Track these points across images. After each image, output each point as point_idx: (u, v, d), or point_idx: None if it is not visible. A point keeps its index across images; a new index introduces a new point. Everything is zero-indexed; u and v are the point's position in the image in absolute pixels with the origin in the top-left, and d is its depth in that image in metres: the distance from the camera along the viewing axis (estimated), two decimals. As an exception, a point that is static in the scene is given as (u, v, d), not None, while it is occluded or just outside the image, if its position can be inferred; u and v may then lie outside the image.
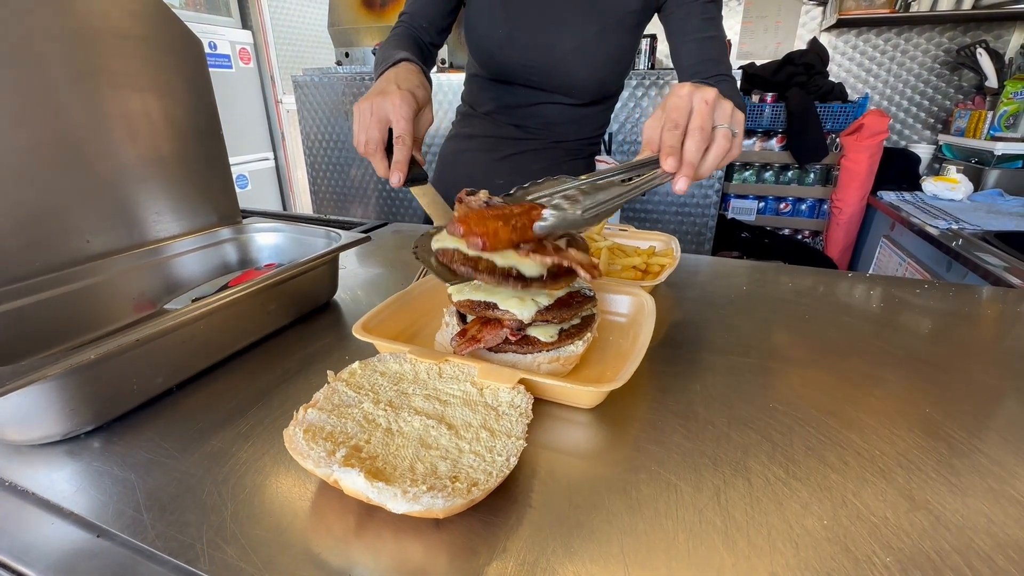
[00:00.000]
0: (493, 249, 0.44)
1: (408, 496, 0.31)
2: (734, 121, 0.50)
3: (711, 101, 0.48)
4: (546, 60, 0.92)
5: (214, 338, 0.53)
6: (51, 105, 0.55)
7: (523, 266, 0.45)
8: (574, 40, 0.90)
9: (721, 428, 0.44)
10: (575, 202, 0.47)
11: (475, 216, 0.45)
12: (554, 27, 0.90)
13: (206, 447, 0.42)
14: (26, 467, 0.40)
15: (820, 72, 2.41)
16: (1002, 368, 0.55)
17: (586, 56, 0.91)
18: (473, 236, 0.44)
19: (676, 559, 0.32)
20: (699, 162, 0.49)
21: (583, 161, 1.09)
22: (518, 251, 0.45)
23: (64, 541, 0.34)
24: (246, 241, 0.77)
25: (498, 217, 0.45)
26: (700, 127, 0.48)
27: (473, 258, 0.46)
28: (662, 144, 0.49)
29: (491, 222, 0.45)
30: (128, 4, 0.62)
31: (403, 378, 0.45)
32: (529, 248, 0.45)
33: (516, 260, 0.45)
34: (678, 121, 0.49)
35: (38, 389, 0.39)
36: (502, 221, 0.45)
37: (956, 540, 0.33)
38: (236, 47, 2.94)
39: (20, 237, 0.54)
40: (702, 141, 0.48)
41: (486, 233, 0.44)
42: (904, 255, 1.85)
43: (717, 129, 0.49)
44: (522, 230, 0.45)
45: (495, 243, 0.44)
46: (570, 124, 1.02)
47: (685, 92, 0.50)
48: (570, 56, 0.91)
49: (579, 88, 0.96)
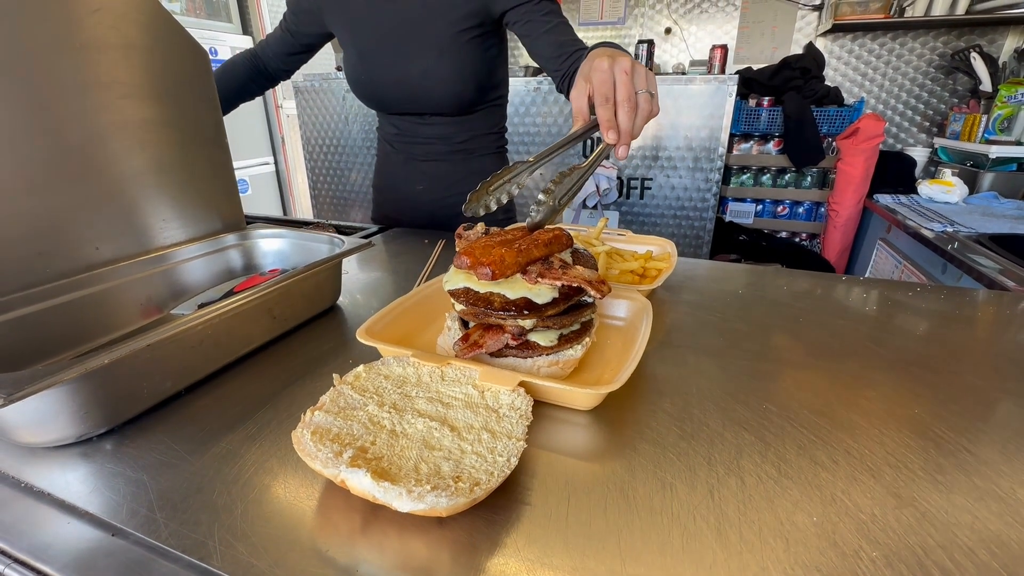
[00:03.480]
0: (502, 275, 0.46)
1: (413, 495, 0.32)
2: (650, 84, 0.57)
3: (629, 71, 0.55)
4: (405, 89, 1.03)
5: (221, 342, 0.54)
6: (60, 116, 0.57)
7: (533, 294, 0.47)
8: (420, 66, 1.00)
9: (716, 429, 0.46)
10: (550, 193, 0.52)
11: (479, 246, 0.48)
12: (399, 59, 1.00)
13: (216, 449, 0.43)
14: (42, 469, 0.41)
15: (816, 76, 2.43)
16: (992, 370, 0.56)
17: (435, 77, 1.00)
18: (481, 267, 0.46)
19: (671, 554, 0.33)
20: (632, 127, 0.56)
21: (490, 157, 1.17)
22: (526, 276, 0.47)
23: (80, 540, 0.35)
24: (250, 247, 0.78)
25: (501, 244, 0.48)
26: (627, 98, 0.55)
27: (484, 296, 0.48)
28: (600, 120, 0.56)
29: (495, 249, 0.47)
30: (135, 16, 0.63)
31: (406, 381, 0.46)
32: (536, 271, 0.47)
33: (526, 289, 0.47)
34: (607, 95, 0.55)
35: (53, 393, 0.40)
36: (505, 246, 0.47)
37: (941, 535, 0.35)
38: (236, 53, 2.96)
39: (32, 246, 0.55)
40: (632, 110, 0.55)
41: (492, 261, 0.46)
42: (900, 258, 1.87)
43: (639, 94, 0.56)
44: (527, 251, 0.47)
45: (502, 269, 0.46)
46: (461, 132, 1.10)
47: (606, 66, 0.56)
48: (421, 82, 1.01)
49: (442, 106, 1.05)
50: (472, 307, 0.49)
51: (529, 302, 0.47)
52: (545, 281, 0.47)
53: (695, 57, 2.75)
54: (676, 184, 2.33)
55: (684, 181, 2.28)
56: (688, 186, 2.28)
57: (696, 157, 2.26)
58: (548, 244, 0.50)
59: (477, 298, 0.49)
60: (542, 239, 0.50)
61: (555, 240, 0.51)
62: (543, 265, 0.48)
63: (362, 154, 2.78)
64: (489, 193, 0.55)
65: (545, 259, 0.50)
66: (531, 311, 0.47)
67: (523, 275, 0.48)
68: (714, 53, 2.46)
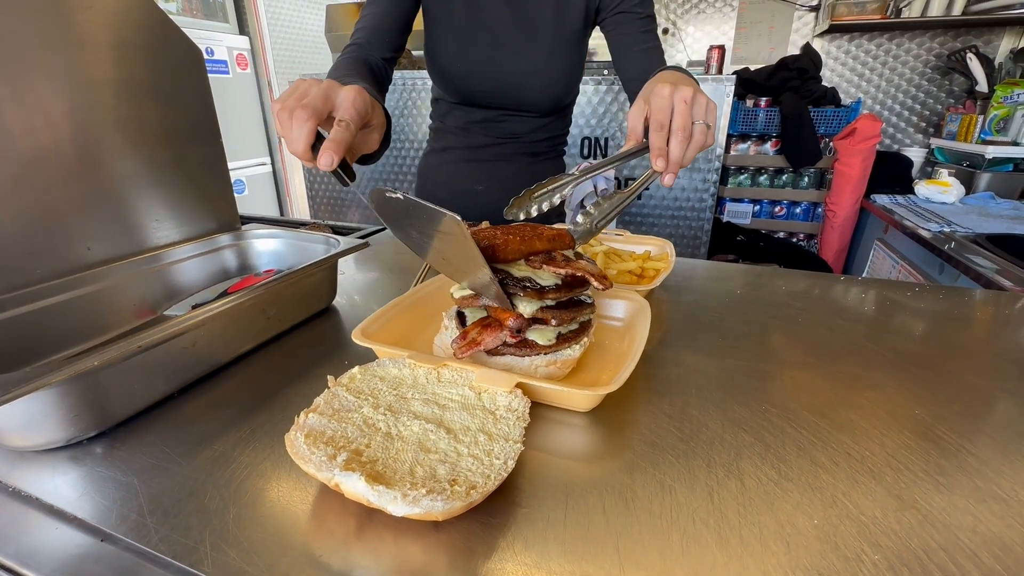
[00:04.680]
0: (504, 257, 0.47)
1: (408, 499, 0.32)
2: (708, 115, 0.56)
3: (689, 100, 0.54)
4: (504, 86, 1.01)
5: (215, 344, 0.54)
6: (52, 114, 0.56)
7: (536, 275, 0.48)
8: (528, 66, 0.98)
9: (715, 430, 0.45)
10: (589, 216, 0.55)
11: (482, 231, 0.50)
12: (507, 57, 0.98)
13: (208, 452, 0.42)
14: (30, 473, 0.40)
15: (813, 77, 2.44)
16: (991, 370, 0.56)
17: (540, 78, 1.00)
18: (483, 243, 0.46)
19: (670, 558, 0.33)
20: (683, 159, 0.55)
21: (552, 162, 1.16)
22: (530, 263, 0.48)
23: (69, 545, 0.34)
24: (245, 247, 0.77)
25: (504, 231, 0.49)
26: (682, 127, 0.54)
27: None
28: (651, 146, 0.55)
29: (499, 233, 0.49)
30: (129, 15, 0.62)
31: (402, 383, 0.45)
32: (541, 260, 0.48)
33: (530, 271, 0.48)
34: (663, 122, 0.55)
35: (42, 395, 0.39)
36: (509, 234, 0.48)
37: (943, 538, 0.34)
38: (233, 53, 2.95)
39: (22, 245, 0.54)
40: (685, 140, 0.54)
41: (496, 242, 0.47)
42: (897, 258, 1.87)
43: (695, 125, 0.55)
44: (530, 241, 0.48)
45: (506, 252, 0.47)
46: (534, 132, 1.10)
47: (667, 93, 0.55)
48: (525, 80, 1.00)
49: (537, 105, 1.05)
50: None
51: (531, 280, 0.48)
52: (549, 268, 0.48)
53: (693, 57, 2.75)
54: (674, 184, 2.33)
55: (682, 182, 2.28)
56: (686, 186, 2.28)
57: (694, 158, 2.26)
58: (552, 240, 0.51)
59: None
60: (546, 234, 0.50)
61: (558, 237, 0.51)
62: (546, 257, 0.49)
63: (359, 154, 2.77)
64: (532, 200, 0.57)
65: (548, 253, 0.50)
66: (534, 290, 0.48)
67: (526, 262, 0.48)
68: (711, 53, 2.46)
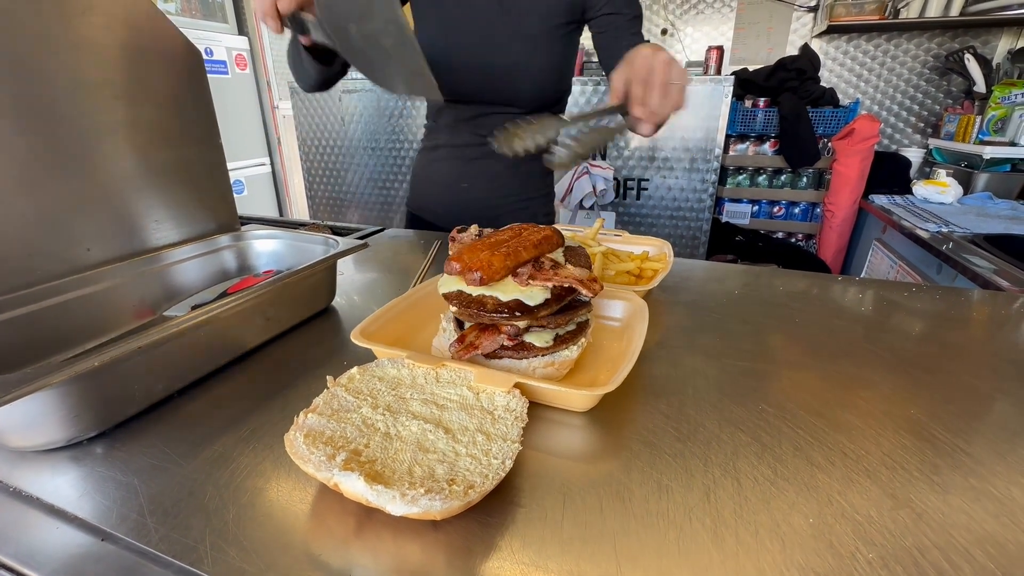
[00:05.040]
0: (490, 279, 0.46)
1: (407, 498, 0.32)
2: (683, 79, 0.62)
3: (668, 62, 0.61)
4: (488, 80, 1.01)
5: (214, 344, 0.54)
6: (51, 115, 0.56)
7: (525, 296, 0.47)
8: (510, 59, 0.98)
9: (712, 430, 0.45)
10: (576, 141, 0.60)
11: (468, 250, 0.48)
12: (490, 50, 0.98)
13: (207, 452, 0.43)
14: (30, 473, 0.41)
15: (812, 77, 2.44)
16: (987, 370, 0.56)
17: (524, 72, 1.00)
18: (470, 272, 0.46)
19: (667, 557, 0.33)
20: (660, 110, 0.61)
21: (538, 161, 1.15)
22: (517, 279, 0.47)
23: (69, 545, 0.34)
24: (244, 248, 0.78)
25: (490, 247, 0.48)
26: (662, 83, 0.61)
27: (477, 299, 0.48)
28: (632, 95, 0.62)
29: (483, 253, 0.47)
30: (128, 16, 0.62)
31: (401, 383, 0.46)
32: (527, 273, 0.47)
33: (518, 291, 0.47)
34: (645, 78, 0.61)
35: (42, 396, 0.39)
36: (490, 249, 0.47)
37: (937, 536, 0.34)
38: (232, 53, 2.95)
39: (21, 246, 0.54)
40: (663, 95, 0.61)
41: (481, 266, 0.46)
42: (895, 258, 1.87)
43: (672, 85, 0.61)
44: (515, 254, 0.48)
45: (490, 273, 0.46)
46: None
47: (648, 53, 0.62)
48: (509, 74, 1.00)
49: (523, 99, 1.04)
50: (465, 309, 0.49)
51: (521, 304, 0.47)
52: (536, 283, 0.47)
53: (691, 58, 2.76)
54: (672, 185, 2.33)
55: (680, 182, 2.29)
56: (684, 187, 2.28)
57: (692, 158, 2.26)
58: (538, 245, 0.50)
59: (470, 301, 0.48)
60: (532, 240, 0.50)
61: (545, 240, 0.51)
62: (533, 267, 0.48)
63: (359, 155, 2.77)
64: (517, 137, 0.62)
65: (536, 260, 0.49)
66: (524, 313, 0.47)
67: (514, 277, 0.47)
68: (710, 54, 2.47)
